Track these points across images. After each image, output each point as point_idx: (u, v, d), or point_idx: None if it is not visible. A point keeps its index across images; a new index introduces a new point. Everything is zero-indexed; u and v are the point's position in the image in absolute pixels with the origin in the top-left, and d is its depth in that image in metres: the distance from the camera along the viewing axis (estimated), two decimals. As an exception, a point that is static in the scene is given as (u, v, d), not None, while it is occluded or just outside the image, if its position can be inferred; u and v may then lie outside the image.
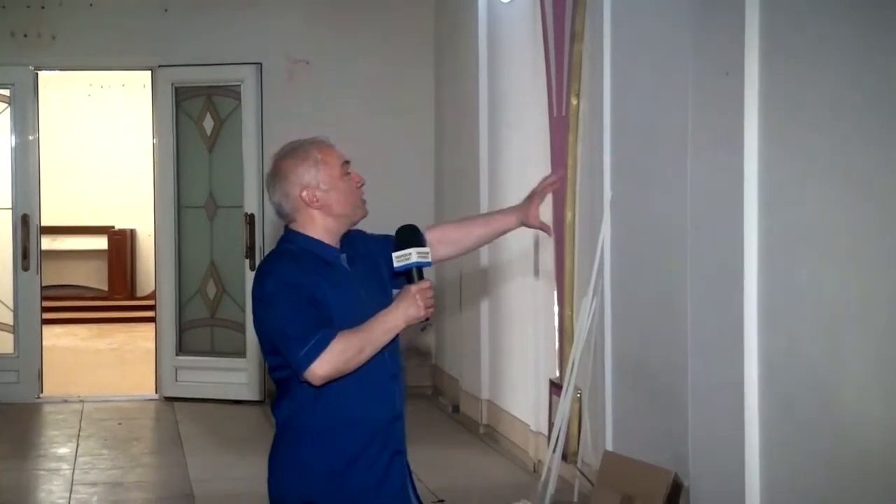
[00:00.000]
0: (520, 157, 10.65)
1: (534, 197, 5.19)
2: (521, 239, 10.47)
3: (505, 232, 5.29)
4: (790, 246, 6.24)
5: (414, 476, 5.03)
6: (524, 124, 10.47)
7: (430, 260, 4.70)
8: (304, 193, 4.82)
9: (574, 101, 9.15)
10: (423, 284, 4.64)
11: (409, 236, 4.70)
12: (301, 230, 4.91)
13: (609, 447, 8.40)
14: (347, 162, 4.87)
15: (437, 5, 13.48)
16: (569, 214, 9.24)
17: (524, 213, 5.21)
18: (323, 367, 4.59)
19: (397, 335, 4.83)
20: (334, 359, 4.60)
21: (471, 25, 11.99)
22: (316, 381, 4.64)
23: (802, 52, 6.10)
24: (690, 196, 7.21)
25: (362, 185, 4.88)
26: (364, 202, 4.89)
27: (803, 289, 6.10)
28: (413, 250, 4.62)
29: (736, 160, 6.57)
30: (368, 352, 4.66)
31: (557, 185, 5.32)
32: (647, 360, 8.07)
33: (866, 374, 5.57)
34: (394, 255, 4.67)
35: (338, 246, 4.88)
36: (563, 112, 9.31)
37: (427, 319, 4.66)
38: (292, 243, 4.90)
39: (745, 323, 6.55)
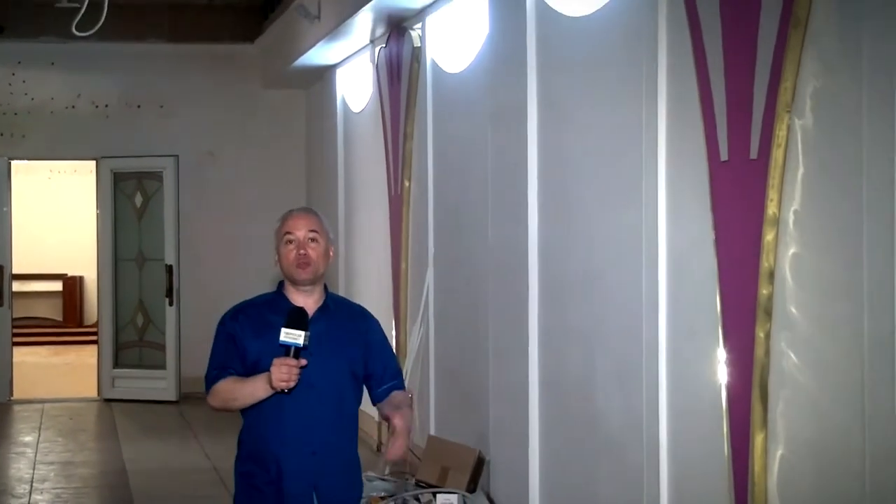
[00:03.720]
0: (367, 224, 10.64)
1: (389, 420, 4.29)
2: (372, 280, 10.52)
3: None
4: (559, 291, 6.39)
5: None
6: (371, 200, 10.45)
7: (305, 345, 3.94)
8: (274, 255, 4.24)
9: (406, 184, 9.18)
10: (289, 362, 3.93)
11: (301, 319, 3.98)
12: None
13: (432, 432, 8.42)
14: (288, 232, 4.14)
15: (307, 112, 13.42)
16: (403, 265, 9.25)
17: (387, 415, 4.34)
18: (211, 399, 4.19)
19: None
20: (218, 397, 4.16)
21: (332, 127, 11.96)
22: (212, 408, 4.25)
23: (566, 151, 6.28)
24: (491, 252, 7.33)
25: (299, 252, 4.11)
26: (301, 266, 4.11)
27: (569, 321, 6.26)
28: (303, 334, 3.93)
29: (522, 227, 6.71)
30: (241, 402, 4.11)
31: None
32: (460, 370, 8.12)
33: (610, 381, 5.73)
34: (284, 329, 3.95)
35: (311, 304, 4.16)
36: (398, 191, 9.34)
37: (283, 391, 3.94)
38: (268, 292, 4.31)
39: (529, 344, 6.68)
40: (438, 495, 7.23)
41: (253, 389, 4.05)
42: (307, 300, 4.17)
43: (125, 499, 8.57)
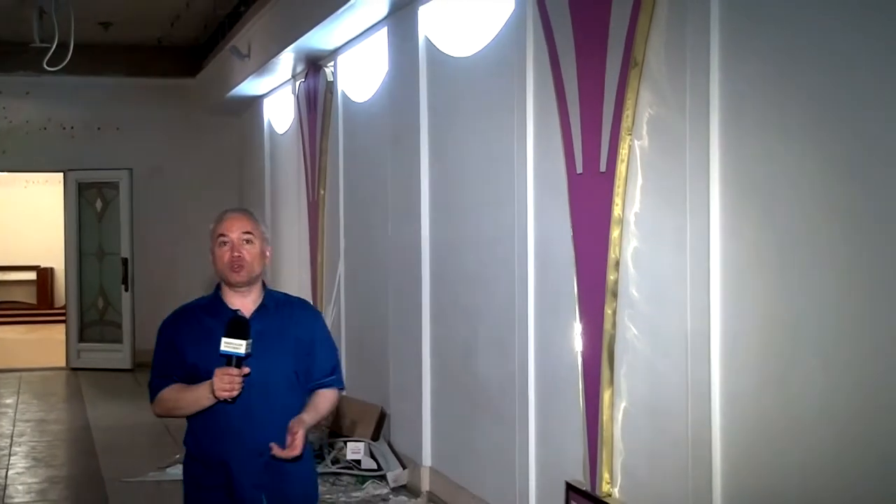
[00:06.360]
0: (289, 224, 10.49)
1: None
2: (294, 270, 10.43)
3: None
4: (447, 276, 6.38)
5: None
6: (292, 205, 10.35)
7: (247, 353, 3.21)
8: (210, 256, 3.41)
9: (322, 192, 9.10)
10: (231, 371, 3.19)
11: (242, 329, 3.23)
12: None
13: (344, 394, 8.35)
14: (222, 234, 3.35)
15: (239, 134, 13.20)
16: (319, 257, 9.18)
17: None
18: (155, 407, 3.45)
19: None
20: (162, 405, 3.42)
21: (260, 146, 11.81)
22: (156, 415, 3.53)
23: (452, 164, 6.27)
24: (391, 246, 7.30)
25: (233, 254, 3.34)
26: (236, 269, 3.33)
27: (456, 300, 6.25)
28: (245, 343, 3.20)
29: (416, 225, 6.69)
30: (185, 410, 3.36)
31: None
32: (366, 342, 8.05)
33: (489, 350, 5.73)
34: (224, 339, 3.20)
35: (248, 305, 3.40)
36: (315, 198, 9.27)
37: (226, 400, 3.22)
38: (206, 295, 3.50)
39: (423, 320, 6.66)
40: (348, 443, 7.20)
41: (196, 398, 3.31)
42: (244, 301, 3.40)
43: (89, 450, 8.39)
